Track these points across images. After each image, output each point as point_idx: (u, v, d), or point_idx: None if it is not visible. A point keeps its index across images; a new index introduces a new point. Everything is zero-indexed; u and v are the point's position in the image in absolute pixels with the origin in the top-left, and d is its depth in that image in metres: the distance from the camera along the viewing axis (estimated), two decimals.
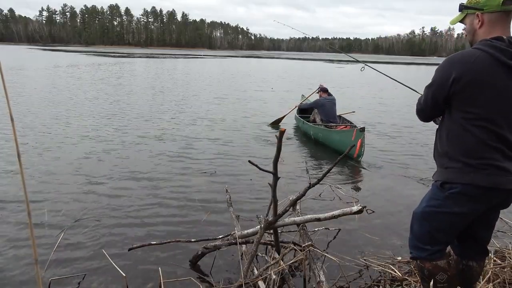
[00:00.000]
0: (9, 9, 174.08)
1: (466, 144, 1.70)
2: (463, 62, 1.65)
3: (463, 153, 1.70)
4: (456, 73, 1.64)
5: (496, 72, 1.61)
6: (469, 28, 1.77)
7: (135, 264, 3.03)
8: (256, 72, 30.88)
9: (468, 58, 1.65)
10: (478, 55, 1.62)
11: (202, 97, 13.88)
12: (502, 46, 1.60)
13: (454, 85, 1.66)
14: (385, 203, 4.46)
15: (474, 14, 1.72)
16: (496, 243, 3.08)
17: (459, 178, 1.71)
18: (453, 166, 1.73)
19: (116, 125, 8.43)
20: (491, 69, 1.61)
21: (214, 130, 8.34)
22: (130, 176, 5.15)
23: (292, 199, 2.93)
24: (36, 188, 4.57)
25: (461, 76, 1.64)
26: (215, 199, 4.40)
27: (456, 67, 1.66)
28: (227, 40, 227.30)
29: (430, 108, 1.83)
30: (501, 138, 1.65)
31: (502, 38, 1.62)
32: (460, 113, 1.70)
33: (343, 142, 6.47)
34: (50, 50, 74.79)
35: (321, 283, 2.40)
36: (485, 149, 1.66)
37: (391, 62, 70.97)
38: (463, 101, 1.68)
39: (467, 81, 1.63)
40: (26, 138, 6.95)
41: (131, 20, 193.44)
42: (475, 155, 1.67)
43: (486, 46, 1.62)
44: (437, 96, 1.75)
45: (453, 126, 1.74)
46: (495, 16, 1.67)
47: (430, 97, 1.79)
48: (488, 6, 1.66)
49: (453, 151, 1.74)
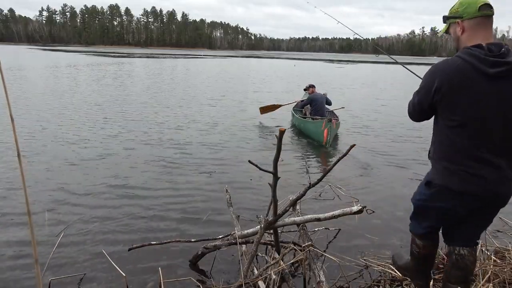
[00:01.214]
0: (9, 9, 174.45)
1: (447, 150, 1.80)
2: (445, 70, 1.74)
3: (444, 158, 1.82)
4: (438, 81, 1.73)
5: (475, 80, 1.67)
6: (453, 36, 1.87)
7: (135, 264, 3.04)
8: (256, 73, 30.87)
9: (449, 66, 1.73)
10: (458, 63, 1.70)
11: (202, 97, 13.88)
12: (481, 54, 1.66)
13: (437, 93, 1.74)
14: (385, 203, 4.46)
15: (456, 23, 1.82)
16: (496, 243, 3.08)
17: (439, 179, 1.84)
18: (436, 168, 1.87)
19: (115, 125, 8.43)
20: (470, 77, 1.67)
21: (214, 130, 8.34)
22: (130, 176, 5.15)
23: (292, 199, 2.93)
24: (36, 188, 4.57)
25: (442, 84, 1.72)
26: (215, 199, 4.40)
27: (439, 75, 1.74)
28: (227, 40, 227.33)
29: (417, 113, 1.93)
30: (479, 146, 1.72)
31: (482, 46, 1.69)
32: (443, 119, 1.80)
33: (316, 131, 7.45)
34: (50, 50, 74.78)
35: (321, 283, 2.40)
36: (463, 156, 1.75)
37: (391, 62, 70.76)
38: (445, 108, 1.76)
39: (448, 89, 1.71)
40: (26, 138, 6.95)
41: (131, 20, 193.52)
42: (453, 161, 1.78)
43: (466, 54, 1.70)
44: (423, 102, 1.85)
45: (438, 131, 1.85)
46: (475, 22, 1.76)
47: (417, 103, 1.90)
48: (466, 13, 1.76)
49: (437, 154, 1.87)
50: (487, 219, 1.95)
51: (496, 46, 1.69)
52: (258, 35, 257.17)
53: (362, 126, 9.41)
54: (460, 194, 1.78)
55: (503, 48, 1.68)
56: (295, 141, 7.71)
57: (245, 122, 9.47)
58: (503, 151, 1.73)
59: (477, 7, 1.73)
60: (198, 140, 7.34)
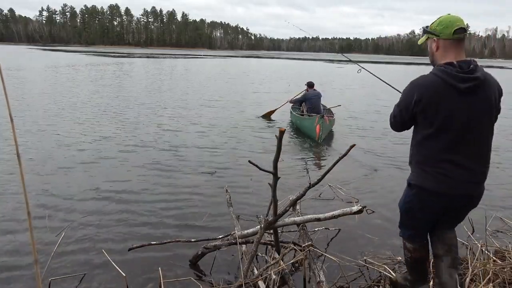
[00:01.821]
0: (9, 9, 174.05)
1: (424, 154, 2.03)
2: (422, 86, 1.96)
3: (421, 161, 2.04)
4: (417, 95, 1.95)
5: (448, 94, 1.89)
6: (429, 50, 2.08)
7: (135, 264, 3.04)
8: (256, 73, 30.86)
9: (425, 82, 1.96)
10: (433, 80, 1.93)
11: (201, 98, 13.88)
12: (453, 71, 1.88)
13: (416, 105, 1.96)
14: (385, 203, 4.46)
15: (433, 39, 2.03)
16: (496, 243, 3.08)
17: (416, 181, 2.07)
18: (414, 171, 2.10)
19: (114, 127, 8.43)
20: (443, 92, 1.89)
21: (214, 131, 8.34)
22: (130, 176, 5.15)
23: (292, 199, 2.93)
24: (36, 188, 4.57)
25: (420, 98, 1.93)
26: (215, 199, 4.40)
27: (416, 90, 1.96)
28: (227, 40, 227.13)
29: (399, 124, 2.15)
30: (452, 151, 1.94)
31: (453, 64, 1.91)
32: (421, 128, 2.02)
33: (310, 127, 7.76)
34: (50, 50, 74.77)
35: (321, 283, 2.40)
36: (437, 160, 1.97)
37: (391, 62, 70.98)
38: (423, 118, 1.97)
39: (425, 103, 1.92)
40: (25, 138, 6.95)
41: (131, 20, 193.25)
42: (429, 164, 2.00)
43: (439, 71, 1.92)
44: (404, 115, 2.06)
45: (416, 138, 2.08)
46: (448, 42, 1.97)
47: (398, 115, 2.11)
48: (443, 34, 1.97)
49: (415, 158, 2.09)
50: (460, 217, 2.22)
51: (466, 63, 1.91)
52: (258, 35, 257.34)
53: (362, 126, 9.42)
54: (435, 193, 2.00)
55: (471, 65, 1.90)
56: (295, 141, 7.71)
57: (245, 122, 9.47)
58: (474, 155, 1.96)
59: (452, 30, 1.93)
60: (197, 140, 7.34)
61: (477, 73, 1.89)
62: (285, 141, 6.95)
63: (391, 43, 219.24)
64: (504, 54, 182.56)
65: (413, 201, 2.13)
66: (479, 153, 1.98)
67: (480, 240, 3.02)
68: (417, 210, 2.14)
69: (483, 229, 3.42)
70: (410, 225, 2.25)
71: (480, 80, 1.88)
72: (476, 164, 1.97)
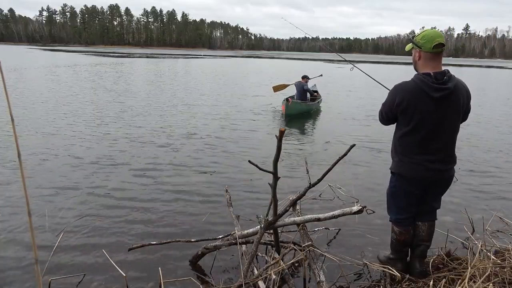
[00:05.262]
0: (9, 9, 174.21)
1: (403, 146, 2.42)
2: (404, 90, 2.32)
3: (400, 153, 2.45)
4: (398, 98, 2.32)
5: (423, 100, 2.26)
6: (413, 58, 2.40)
7: (135, 264, 3.04)
8: (256, 74, 30.85)
9: (407, 87, 2.32)
10: (413, 86, 2.29)
11: (201, 98, 13.88)
12: (429, 82, 2.24)
13: (398, 107, 2.33)
14: (385, 203, 4.44)
15: (416, 50, 2.35)
16: (496, 243, 3.08)
17: (396, 169, 2.49)
18: (395, 160, 2.51)
19: (114, 126, 8.43)
20: (421, 98, 2.26)
21: (213, 130, 8.34)
22: (130, 177, 5.15)
23: (292, 199, 2.93)
24: (37, 188, 4.57)
25: (401, 101, 2.31)
26: (215, 199, 4.40)
27: (399, 94, 2.33)
28: (227, 40, 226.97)
29: (386, 120, 2.52)
30: (424, 145, 2.34)
31: (430, 74, 2.26)
32: (401, 125, 2.42)
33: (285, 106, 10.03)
34: (50, 50, 74.77)
35: (321, 283, 2.40)
36: (414, 152, 2.38)
37: (391, 62, 70.95)
38: (403, 117, 2.37)
39: (405, 105, 2.30)
40: (26, 138, 6.95)
41: (131, 20, 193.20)
42: (406, 155, 2.41)
43: (418, 80, 2.28)
44: (388, 114, 2.46)
45: (397, 134, 2.47)
46: (428, 55, 2.30)
47: (384, 113, 2.49)
48: (424, 47, 2.29)
49: (395, 150, 2.50)
50: (438, 196, 2.59)
51: (441, 74, 2.26)
52: (258, 35, 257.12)
53: (362, 126, 9.42)
54: (412, 179, 2.42)
55: (445, 76, 2.26)
56: (295, 141, 7.71)
57: (245, 122, 9.47)
58: (442, 148, 2.36)
59: (432, 45, 2.26)
60: (197, 140, 7.34)
61: (449, 84, 2.25)
62: (285, 142, 6.95)
63: (391, 43, 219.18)
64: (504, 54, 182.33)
65: (396, 186, 2.53)
66: (446, 147, 2.38)
67: (480, 240, 3.02)
68: (400, 194, 2.53)
69: (483, 229, 3.43)
70: (396, 208, 2.61)
71: (451, 90, 2.25)
72: (444, 155, 2.37)
